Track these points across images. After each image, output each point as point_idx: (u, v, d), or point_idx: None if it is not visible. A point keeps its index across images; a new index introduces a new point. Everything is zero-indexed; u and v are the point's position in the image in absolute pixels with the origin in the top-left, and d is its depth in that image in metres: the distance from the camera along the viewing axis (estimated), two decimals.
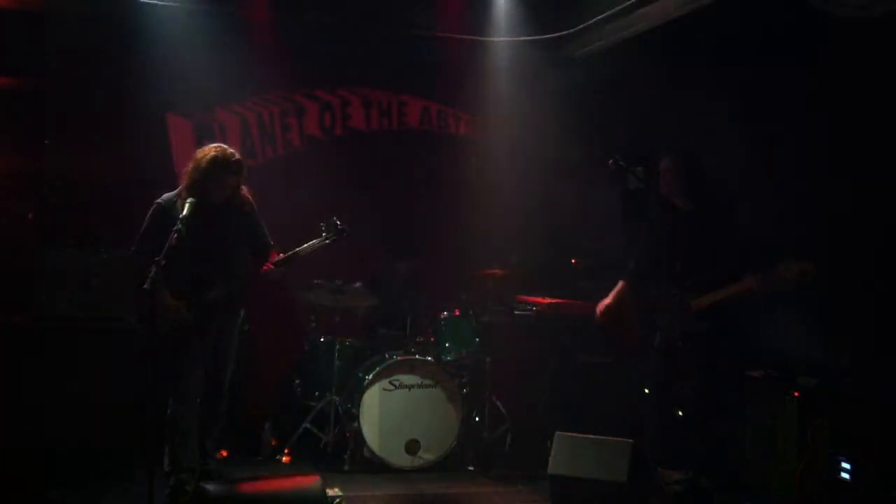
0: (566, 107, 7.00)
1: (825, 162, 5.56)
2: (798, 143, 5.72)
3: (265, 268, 5.05)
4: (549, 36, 7.11)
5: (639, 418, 5.76)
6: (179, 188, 4.93)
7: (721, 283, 5.01)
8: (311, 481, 4.36)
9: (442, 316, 6.37)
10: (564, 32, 7.04)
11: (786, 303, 5.41)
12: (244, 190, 5.09)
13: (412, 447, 5.80)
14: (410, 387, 5.91)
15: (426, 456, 5.82)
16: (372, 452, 5.76)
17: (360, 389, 5.83)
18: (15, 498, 4.97)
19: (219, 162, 4.84)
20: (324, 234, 5.13)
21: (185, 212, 4.63)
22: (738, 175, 5.93)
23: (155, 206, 4.92)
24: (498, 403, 6.40)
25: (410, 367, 5.93)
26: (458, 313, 6.37)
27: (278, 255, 5.11)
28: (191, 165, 4.92)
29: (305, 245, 5.09)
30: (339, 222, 5.14)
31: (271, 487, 4.31)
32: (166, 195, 4.95)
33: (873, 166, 5.25)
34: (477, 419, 6.32)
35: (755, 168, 5.89)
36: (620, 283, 5.44)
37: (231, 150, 4.93)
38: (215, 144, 5.00)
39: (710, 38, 6.05)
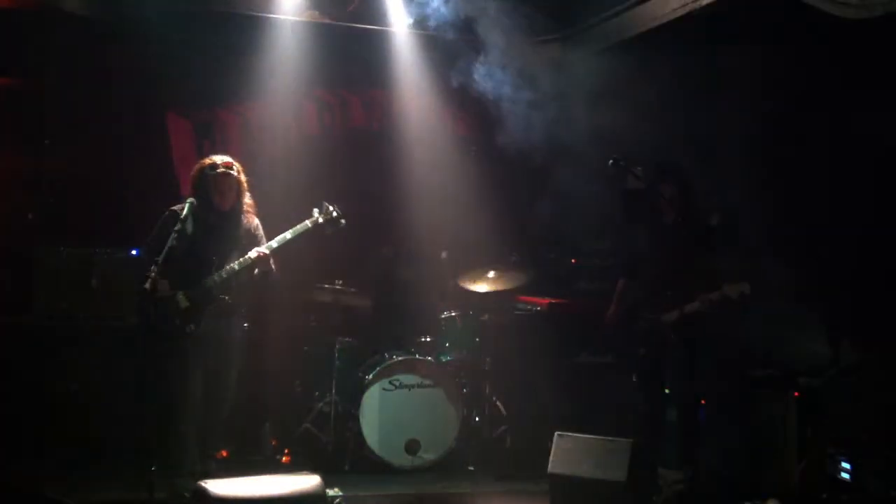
0: (567, 107, 6.99)
1: (825, 164, 5.56)
2: (798, 144, 5.73)
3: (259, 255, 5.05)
4: (551, 36, 7.10)
5: (638, 418, 5.77)
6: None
7: (683, 300, 5.19)
8: (311, 481, 4.36)
9: (442, 316, 6.37)
10: (566, 32, 7.04)
11: (787, 303, 5.42)
12: (249, 205, 5.19)
13: (412, 447, 5.80)
14: (410, 387, 5.91)
15: (426, 456, 5.82)
16: (372, 452, 5.76)
17: (360, 389, 5.83)
18: (15, 497, 4.96)
19: (204, 168, 5.06)
20: (316, 217, 5.17)
21: (185, 211, 4.76)
22: (737, 179, 5.94)
23: (168, 212, 5.06)
24: (498, 403, 6.40)
25: (410, 367, 5.93)
26: (458, 313, 6.37)
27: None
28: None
29: (296, 227, 5.14)
30: (333, 209, 5.20)
31: (271, 487, 4.31)
32: (179, 205, 5.07)
33: (873, 166, 5.25)
34: (477, 419, 6.32)
35: (755, 171, 5.90)
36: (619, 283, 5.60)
37: (216, 158, 5.12)
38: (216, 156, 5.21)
39: (709, 38, 6.05)
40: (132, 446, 5.57)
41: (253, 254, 5.02)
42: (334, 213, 5.24)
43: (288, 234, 5.13)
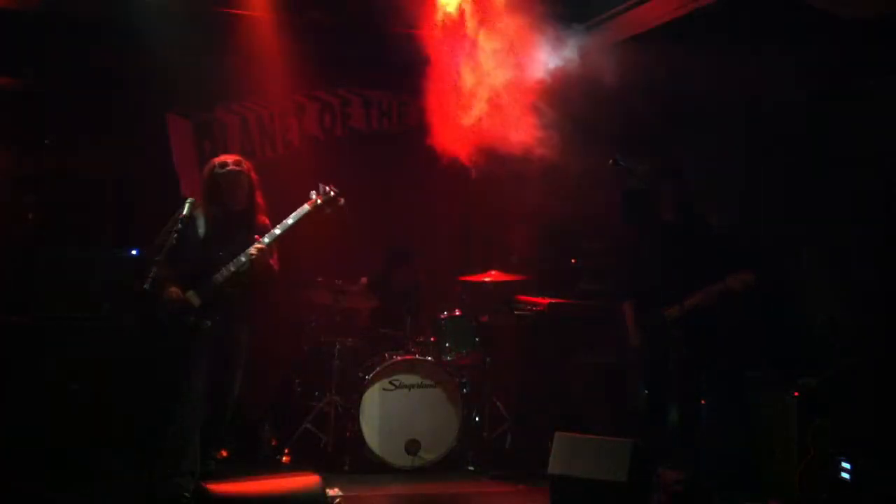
0: (566, 107, 6.98)
1: (825, 163, 5.56)
2: (799, 144, 5.73)
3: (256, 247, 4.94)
4: (551, 35, 7.07)
5: (638, 418, 5.77)
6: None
7: (687, 295, 5.18)
8: (311, 481, 4.37)
9: (442, 316, 6.36)
10: (566, 31, 7.01)
11: (787, 303, 5.42)
12: (262, 207, 5.12)
13: (412, 447, 5.80)
14: (410, 387, 5.91)
15: (426, 456, 5.82)
16: (372, 452, 5.76)
17: (360, 389, 5.83)
18: (15, 498, 4.97)
19: (213, 167, 4.99)
20: (314, 199, 5.08)
21: (184, 211, 4.73)
22: (738, 180, 5.94)
23: (176, 214, 5.00)
24: (498, 403, 6.39)
25: (410, 367, 5.93)
26: (458, 313, 6.36)
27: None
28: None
29: (296, 212, 5.02)
30: (330, 189, 5.10)
31: (271, 487, 4.31)
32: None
33: (872, 167, 5.26)
34: (477, 419, 6.31)
35: (754, 172, 5.90)
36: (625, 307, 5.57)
37: (226, 157, 5.05)
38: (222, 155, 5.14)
39: (710, 38, 6.04)
40: (133, 446, 5.58)
41: (253, 249, 4.93)
42: (332, 193, 5.09)
43: (289, 220, 4.99)
